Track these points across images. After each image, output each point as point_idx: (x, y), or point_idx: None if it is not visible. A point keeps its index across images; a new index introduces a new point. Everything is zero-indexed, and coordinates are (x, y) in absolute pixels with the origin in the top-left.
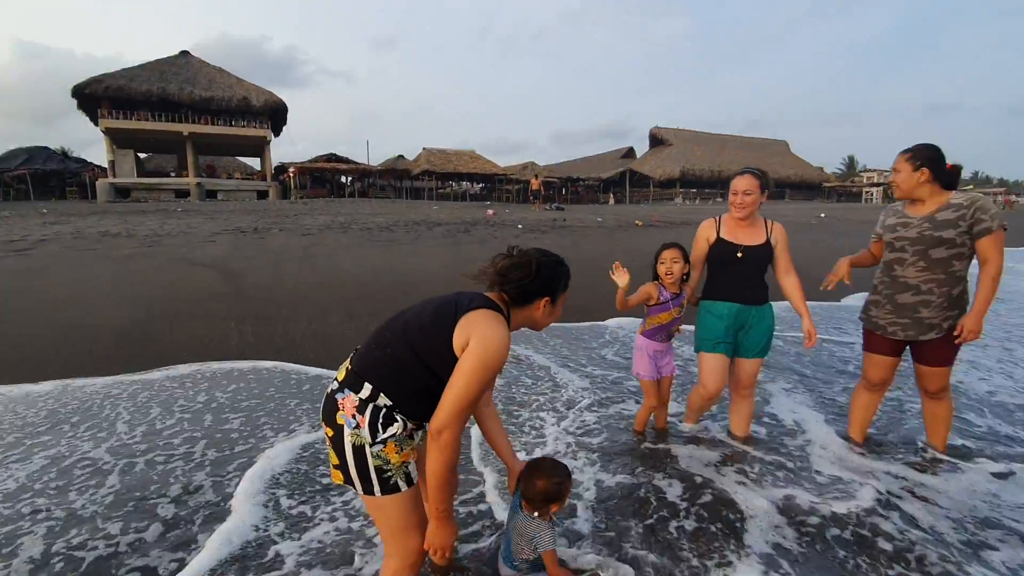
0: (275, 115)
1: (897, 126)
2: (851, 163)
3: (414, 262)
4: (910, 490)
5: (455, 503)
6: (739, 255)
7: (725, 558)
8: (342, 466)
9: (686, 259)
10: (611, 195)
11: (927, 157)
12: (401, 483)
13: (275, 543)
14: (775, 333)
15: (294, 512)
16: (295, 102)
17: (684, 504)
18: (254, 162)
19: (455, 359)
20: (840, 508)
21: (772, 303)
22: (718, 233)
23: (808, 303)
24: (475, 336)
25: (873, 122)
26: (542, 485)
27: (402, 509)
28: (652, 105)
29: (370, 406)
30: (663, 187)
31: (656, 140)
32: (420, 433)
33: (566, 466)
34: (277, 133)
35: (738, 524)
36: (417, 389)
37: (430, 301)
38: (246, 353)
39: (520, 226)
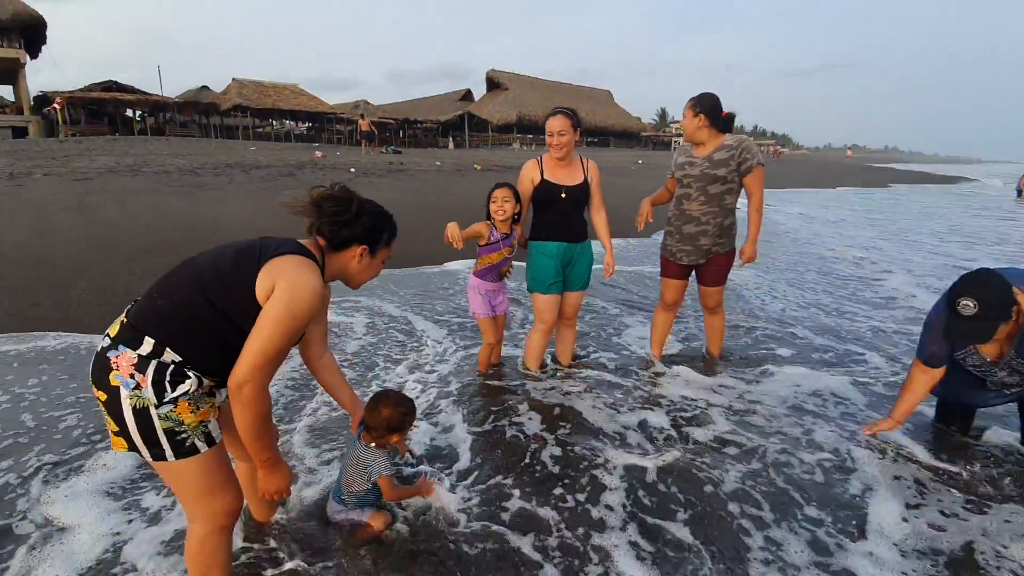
0: (30, 32)
1: (702, 82)
2: (663, 114)
3: (227, 210)
4: (728, 401)
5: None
6: (563, 195)
7: (594, 477)
8: (123, 432)
9: (517, 199)
10: (451, 139)
11: (706, 105)
12: (200, 443)
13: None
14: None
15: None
16: (57, 16)
17: (547, 434)
18: (6, 91)
19: (259, 308)
20: (656, 410)
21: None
22: (542, 174)
23: (628, 240)
24: (281, 282)
25: (683, 77)
26: (387, 413)
27: (204, 471)
28: (489, 47)
29: (153, 363)
30: (501, 132)
31: (493, 84)
32: (224, 390)
33: (412, 401)
34: (34, 55)
35: (600, 446)
36: (212, 341)
37: (229, 245)
38: (8, 327)
39: (353, 170)
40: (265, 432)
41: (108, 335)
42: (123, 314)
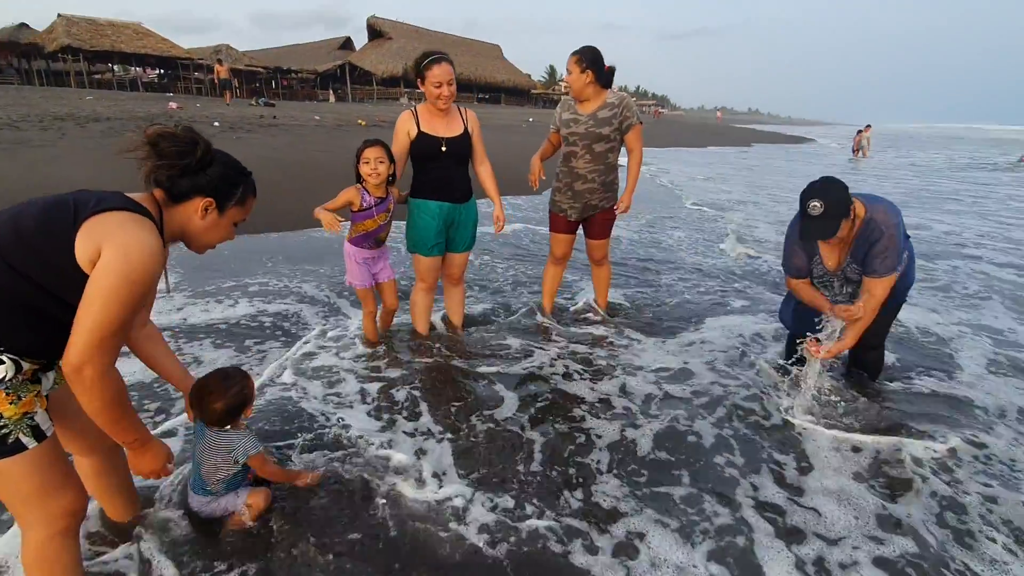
0: None
1: (586, 40)
2: (552, 72)
3: (58, 171)
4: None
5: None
6: (443, 148)
7: (484, 418)
8: None
9: (391, 158)
10: (331, 92)
11: (591, 59)
12: (26, 438)
13: None
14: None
15: None
16: None
17: (447, 390)
18: None
19: (83, 275)
20: (543, 359)
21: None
22: (418, 126)
23: (520, 198)
24: (110, 244)
25: (569, 35)
26: (221, 406)
27: (34, 469)
28: None
29: None
30: (387, 85)
31: (375, 32)
32: (53, 374)
33: (237, 368)
34: None
35: (493, 395)
36: (21, 315)
37: (33, 202)
38: None
39: (216, 124)
40: (123, 414)
41: None
42: None
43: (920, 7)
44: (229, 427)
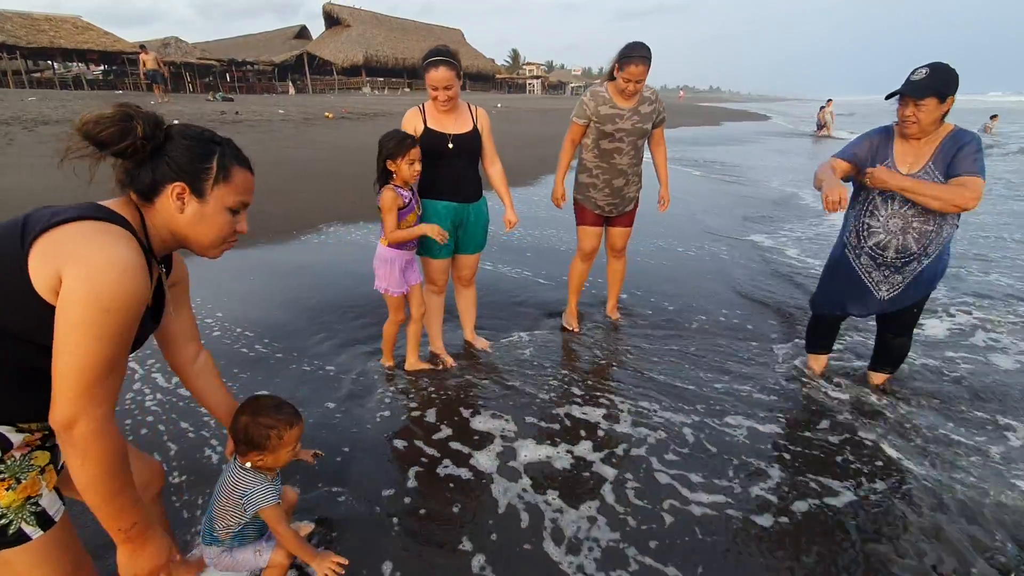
0: None
1: (545, 22)
2: (516, 56)
3: (13, 182)
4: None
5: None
6: (450, 145)
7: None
8: None
9: None
10: (290, 83)
11: (649, 55)
12: (30, 528)
13: None
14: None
15: None
16: None
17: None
18: None
19: (48, 308)
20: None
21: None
22: (425, 123)
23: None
24: (70, 266)
25: (528, 17)
26: (246, 420)
27: (40, 560)
28: None
29: None
30: (347, 75)
31: (332, 19)
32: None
33: (293, 410)
34: None
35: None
36: (2, 374)
37: None
38: None
39: (175, 122)
40: (121, 489)
41: None
42: None
43: None
44: (250, 465)
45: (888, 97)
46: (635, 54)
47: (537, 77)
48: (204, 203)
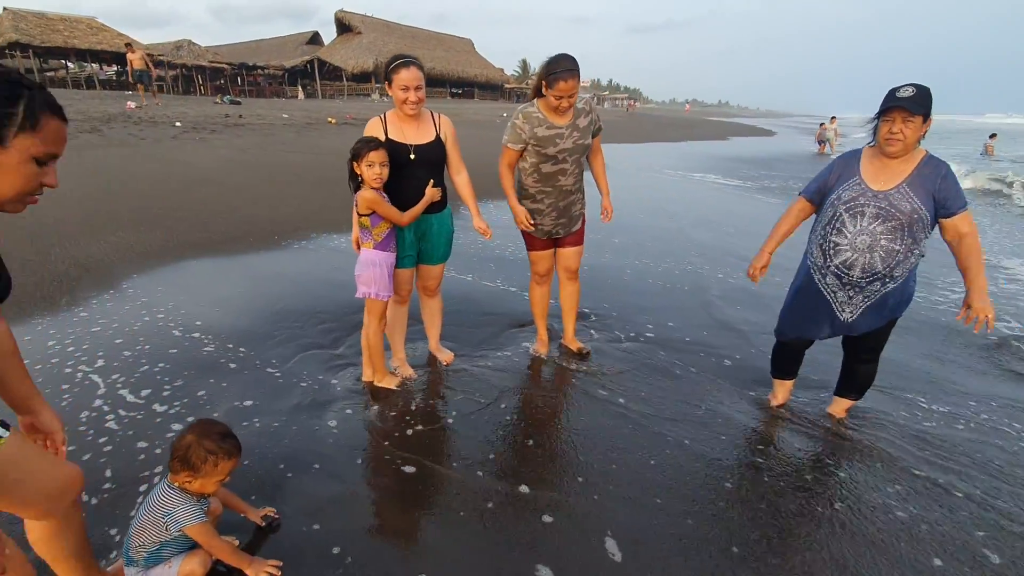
0: None
1: (555, 33)
2: (525, 66)
3: None
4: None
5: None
6: (411, 156)
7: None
8: None
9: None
10: (300, 88)
11: (576, 67)
12: None
13: None
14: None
15: None
16: None
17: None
18: None
19: None
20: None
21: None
22: (386, 133)
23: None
24: None
25: (540, 27)
26: (188, 440)
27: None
28: None
29: None
30: (357, 81)
31: (344, 26)
32: None
33: (237, 444)
34: None
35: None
36: None
37: None
38: None
39: (179, 124)
40: None
41: None
42: None
43: None
44: (177, 485)
45: (878, 115)
46: (561, 68)
47: None
48: (5, 151)
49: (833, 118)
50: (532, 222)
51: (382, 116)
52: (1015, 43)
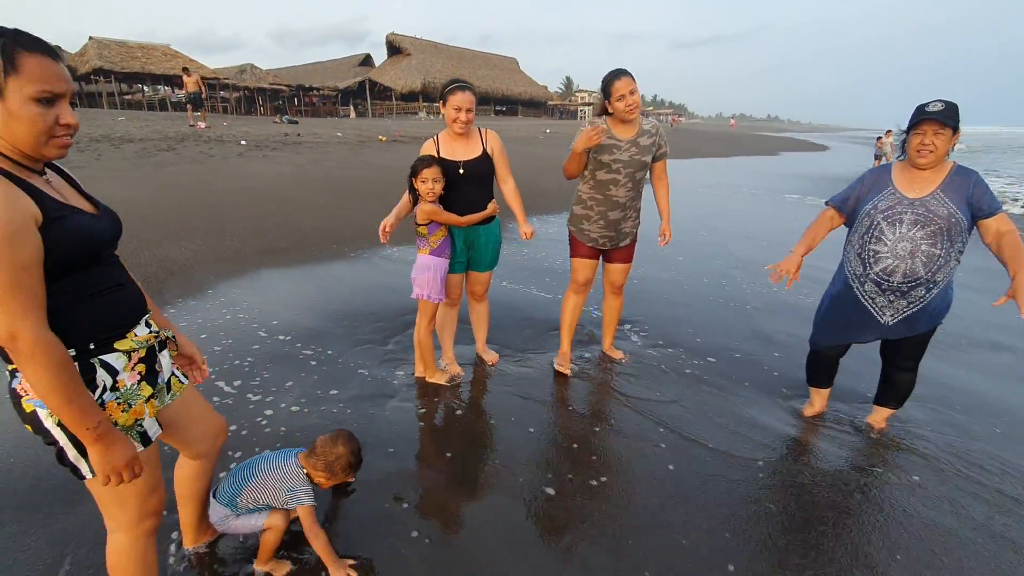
0: None
1: (600, 51)
2: (569, 83)
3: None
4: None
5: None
6: (460, 171)
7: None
8: (58, 452)
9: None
10: (351, 108)
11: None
12: (135, 443)
13: None
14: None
15: None
16: None
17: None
18: None
19: None
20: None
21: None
22: (438, 152)
23: (547, 217)
24: None
25: (584, 45)
26: (341, 451)
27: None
28: (385, 7)
29: None
30: (406, 100)
31: (394, 48)
32: (165, 377)
33: (360, 464)
34: None
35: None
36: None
37: None
38: None
39: (243, 142)
40: (76, 392)
41: (6, 370)
42: None
43: (937, 4)
44: (306, 472)
45: (908, 129)
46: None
47: (589, 104)
48: (4, 101)
49: (888, 131)
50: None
51: (435, 137)
52: None
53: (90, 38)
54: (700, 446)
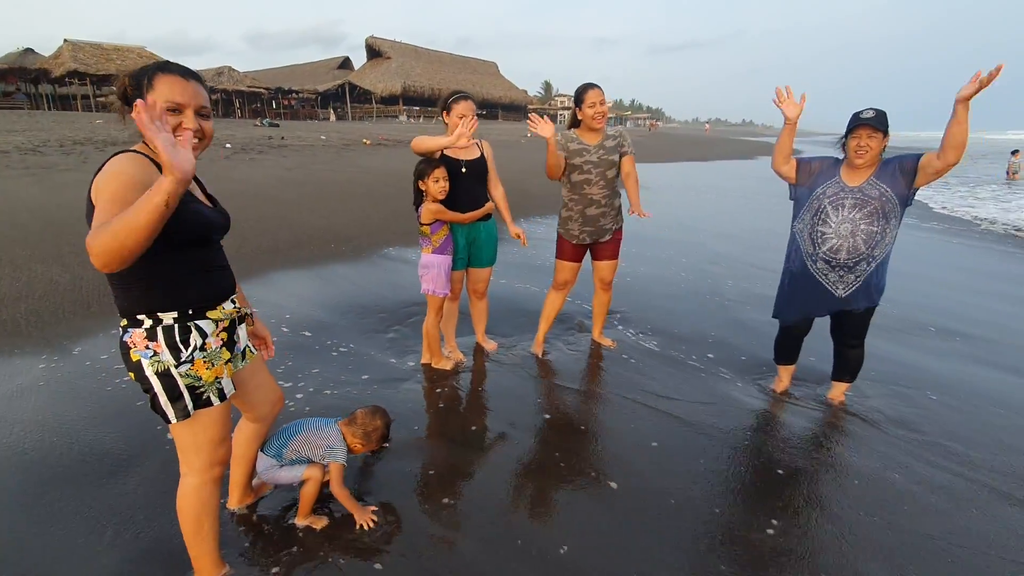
0: None
1: (579, 55)
2: (548, 87)
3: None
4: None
5: None
6: (463, 169)
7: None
8: (153, 398)
9: None
10: (332, 111)
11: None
12: (214, 398)
13: None
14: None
15: None
16: None
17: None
18: None
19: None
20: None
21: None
22: (442, 151)
23: (530, 221)
24: (97, 177)
25: (562, 50)
26: (381, 422)
27: (213, 422)
28: (362, 11)
29: (159, 330)
30: (386, 104)
31: (373, 52)
32: (241, 347)
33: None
34: None
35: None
36: (154, 275)
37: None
38: None
39: (228, 145)
40: (131, 211)
41: (120, 326)
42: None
43: (907, 10)
44: (345, 433)
45: (847, 133)
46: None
47: (568, 108)
48: None
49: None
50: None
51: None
52: None
53: (65, 40)
54: (680, 420)
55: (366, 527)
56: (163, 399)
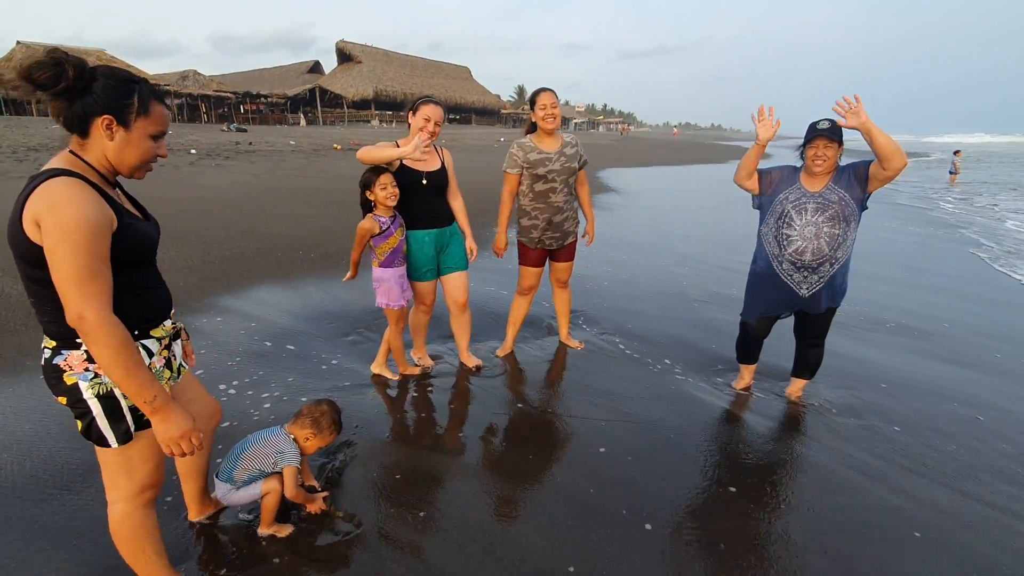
0: None
1: (551, 60)
2: (521, 92)
3: None
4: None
5: None
6: (424, 182)
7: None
8: (89, 423)
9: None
10: (302, 115)
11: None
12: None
13: None
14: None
15: None
16: None
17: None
18: None
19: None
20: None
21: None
22: (401, 162)
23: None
24: (42, 211)
25: (534, 55)
26: (326, 408)
27: (148, 445)
28: (332, 14)
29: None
30: (357, 108)
31: (344, 56)
32: (177, 363)
33: (341, 422)
34: None
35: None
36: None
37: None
38: None
39: (194, 151)
40: (136, 366)
41: (46, 348)
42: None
43: (862, 20)
44: (294, 437)
45: (804, 143)
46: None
47: None
48: (129, 132)
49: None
50: (503, 248)
51: (395, 143)
52: (975, 63)
53: (17, 42)
54: (646, 419)
55: (315, 512)
56: (103, 423)
